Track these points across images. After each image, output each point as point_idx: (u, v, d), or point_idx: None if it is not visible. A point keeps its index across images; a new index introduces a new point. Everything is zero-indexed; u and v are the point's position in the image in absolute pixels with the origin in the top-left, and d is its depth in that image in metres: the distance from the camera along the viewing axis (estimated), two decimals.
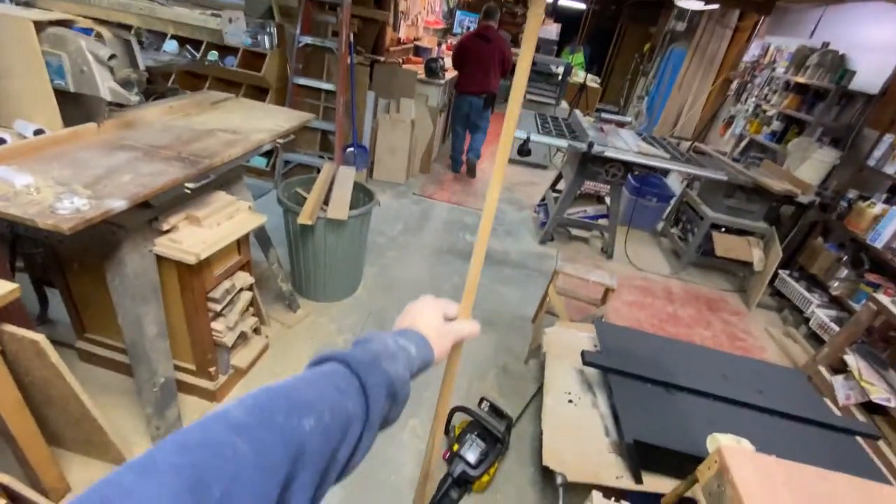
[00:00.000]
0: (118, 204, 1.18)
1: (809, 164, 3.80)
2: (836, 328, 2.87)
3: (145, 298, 1.53)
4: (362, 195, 2.67)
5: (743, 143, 5.09)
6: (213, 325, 1.84)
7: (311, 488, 0.38)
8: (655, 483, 1.46)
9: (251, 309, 2.11)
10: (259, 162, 3.97)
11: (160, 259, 1.57)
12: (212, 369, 1.91)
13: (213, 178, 1.57)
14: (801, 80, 4.34)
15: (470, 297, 0.71)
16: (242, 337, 2.07)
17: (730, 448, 1.04)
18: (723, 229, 3.64)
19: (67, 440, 1.65)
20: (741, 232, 3.64)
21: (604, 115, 4.55)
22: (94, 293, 1.74)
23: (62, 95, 1.51)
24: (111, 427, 1.57)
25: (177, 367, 1.90)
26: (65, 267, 1.74)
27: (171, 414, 1.71)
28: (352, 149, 3.77)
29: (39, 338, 1.21)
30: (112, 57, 1.44)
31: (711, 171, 3.35)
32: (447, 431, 2.03)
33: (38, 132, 1.44)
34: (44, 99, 1.47)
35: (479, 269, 0.71)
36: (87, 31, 1.52)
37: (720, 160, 3.86)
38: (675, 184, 4.88)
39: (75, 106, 1.56)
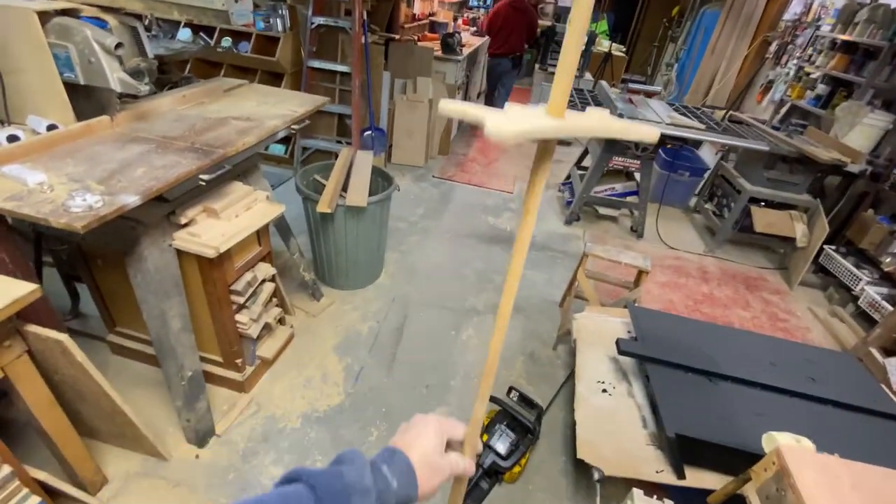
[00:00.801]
0: (131, 199, 1.15)
1: (859, 130, 3.51)
2: (889, 307, 2.67)
3: (168, 293, 1.52)
4: (381, 180, 2.60)
5: (783, 110, 4.76)
6: (238, 317, 1.82)
7: None
8: (699, 478, 1.38)
9: (274, 300, 2.09)
10: (277, 149, 3.94)
11: (180, 253, 1.55)
12: (238, 361, 1.90)
13: (229, 169, 1.52)
14: (849, 38, 3.99)
15: (477, 426, 0.64)
16: (267, 328, 2.06)
17: (790, 448, 0.95)
18: (762, 203, 3.42)
19: (103, 433, 1.68)
20: (782, 206, 3.42)
21: (631, 85, 4.31)
22: (120, 288, 1.74)
23: (73, 89, 1.48)
24: (144, 420, 1.59)
25: (204, 360, 1.91)
26: (90, 263, 1.75)
27: (201, 406, 1.72)
28: (369, 132, 3.69)
29: (63, 337, 1.20)
30: (119, 46, 1.39)
31: (751, 141, 3.13)
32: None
33: (50, 127, 1.41)
34: (54, 93, 1.44)
35: (491, 380, 0.65)
36: (93, 22, 1.47)
37: (759, 129, 3.61)
38: (708, 156, 4.61)
39: (87, 99, 1.53)
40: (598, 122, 0.53)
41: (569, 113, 0.49)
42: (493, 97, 5.62)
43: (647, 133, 0.53)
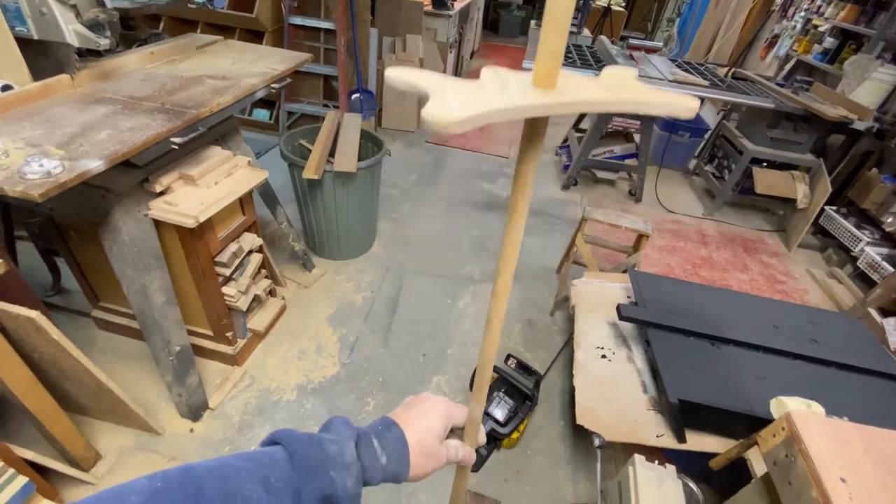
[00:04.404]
0: (94, 165, 1.05)
1: (868, 86, 3.38)
2: (890, 267, 2.65)
3: (148, 266, 1.44)
4: (371, 145, 2.48)
5: (788, 66, 4.58)
6: (225, 289, 1.76)
7: None
8: (700, 442, 1.37)
9: (263, 271, 2.02)
10: (261, 115, 3.76)
11: (158, 224, 1.46)
12: (229, 334, 1.85)
13: (203, 131, 1.41)
14: None
15: (475, 424, 0.58)
16: (257, 300, 2.00)
17: (800, 414, 0.91)
18: (764, 164, 3.34)
19: (93, 410, 1.64)
20: (784, 166, 3.33)
21: (631, 41, 4.11)
22: (99, 262, 1.65)
23: (26, 45, 1.34)
24: (134, 396, 1.54)
25: (194, 334, 1.86)
26: (64, 235, 1.66)
27: (192, 381, 1.68)
28: (357, 94, 3.52)
29: (35, 314, 1.13)
30: None
31: (756, 98, 3.01)
32: (472, 387, 1.97)
33: (4, 88, 1.28)
34: (6, 49, 1.31)
35: (486, 382, 0.57)
36: None
37: (764, 85, 3.47)
38: (709, 116, 4.47)
39: (43, 56, 1.39)
40: (616, 94, 0.37)
41: (567, 78, 0.36)
42: None
43: (686, 105, 0.36)
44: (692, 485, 1.36)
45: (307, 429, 1.75)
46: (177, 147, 1.31)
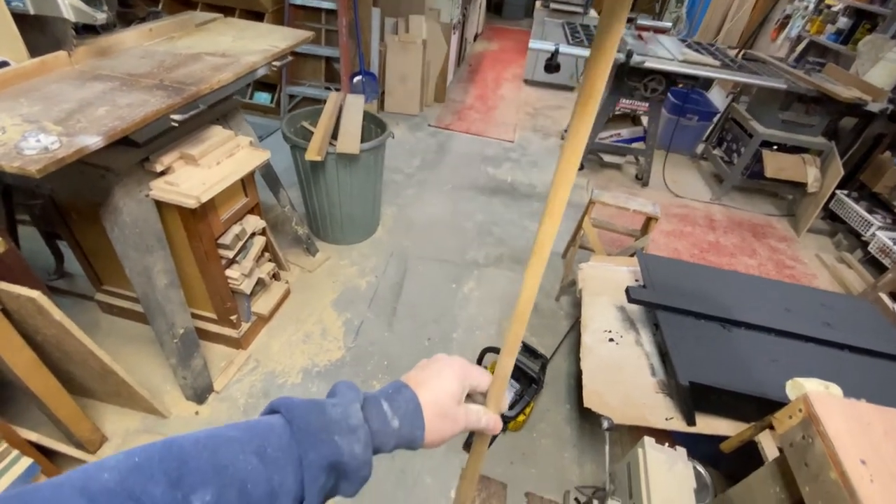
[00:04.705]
0: (93, 141, 1.02)
1: (882, 66, 3.29)
2: None
3: (150, 248, 1.42)
4: (374, 127, 2.44)
5: (800, 47, 4.47)
6: (228, 272, 1.74)
7: None
8: (709, 425, 1.35)
9: (267, 254, 2.00)
10: (262, 98, 3.71)
11: (160, 205, 1.44)
12: (233, 317, 1.84)
13: (204, 109, 1.37)
14: None
15: (503, 382, 0.52)
16: (261, 283, 1.98)
17: (818, 395, 0.89)
18: (774, 147, 3.27)
19: (99, 392, 1.63)
20: (795, 149, 3.27)
21: (640, 22, 4.01)
22: (102, 245, 1.64)
23: (23, 20, 1.31)
24: (139, 378, 1.54)
25: (198, 317, 1.85)
26: (66, 217, 1.64)
27: (197, 364, 1.67)
28: (359, 77, 3.45)
29: (36, 294, 1.12)
30: None
31: (768, 79, 2.93)
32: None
33: (2, 65, 1.25)
34: (3, 25, 1.27)
35: (521, 331, 0.51)
36: None
37: (777, 66, 3.39)
38: (718, 99, 4.39)
39: (40, 32, 1.36)
40: None
41: None
42: None
43: None
44: (701, 468, 1.35)
45: None
46: (176, 124, 1.27)
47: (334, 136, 2.17)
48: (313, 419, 0.38)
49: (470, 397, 0.53)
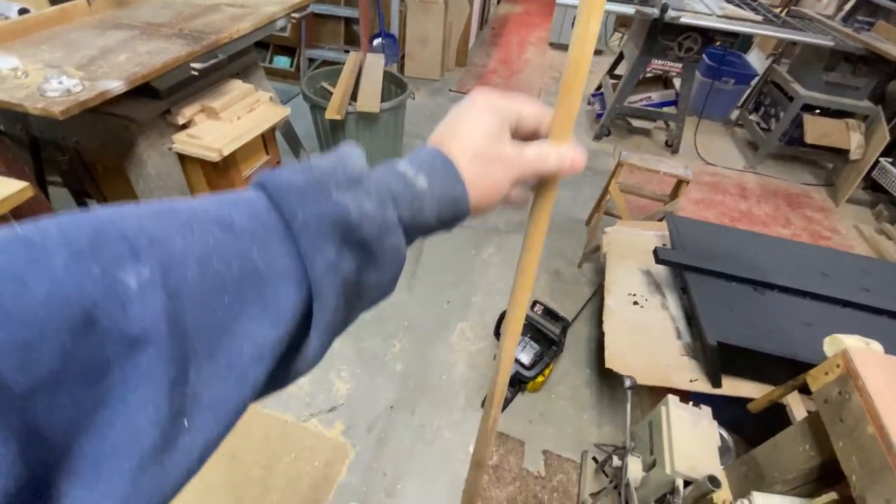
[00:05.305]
0: (115, 85, 1.01)
1: None
2: None
3: None
4: (394, 87, 2.39)
5: (848, 5, 4.13)
6: None
7: (156, 391, 0.19)
8: (735, 387, 1.32)
9: None
10: (282, 63, 3.66)
11: (183, 160, 1.44)
12: None
13: (223, 59, 1.35)
14: None
15: (568, 112, 0.36)
16: None
17: (858, 350, 0.85)
18: (816, 111, 3.08)
19: None
20: (839, 114, 3.07)
21: None
22: (128, 201, 1.67)
23: None
24: None
25: None
26: (92, 172, 1.66)
27: None
28: (379, 39, 3.36)
29: None
30: None
31: (814, 36, 2.73)
32: (497, 334, 1.96)
33: (22, 11, 1.25)
34: None
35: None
36: None
37: (822, 23, 3.15)
38: (757, 62, 4.13)
39: None
40: None
41: None
42: None
43: None
44: (723, 432, 1.33)
45: (335, 369, 1.79)
46: (196, 73, 1.26)
47: (354, 96, 2.14)
48: (296, 178, 0.26)
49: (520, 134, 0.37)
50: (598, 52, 5.00)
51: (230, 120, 1.46)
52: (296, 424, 1.59)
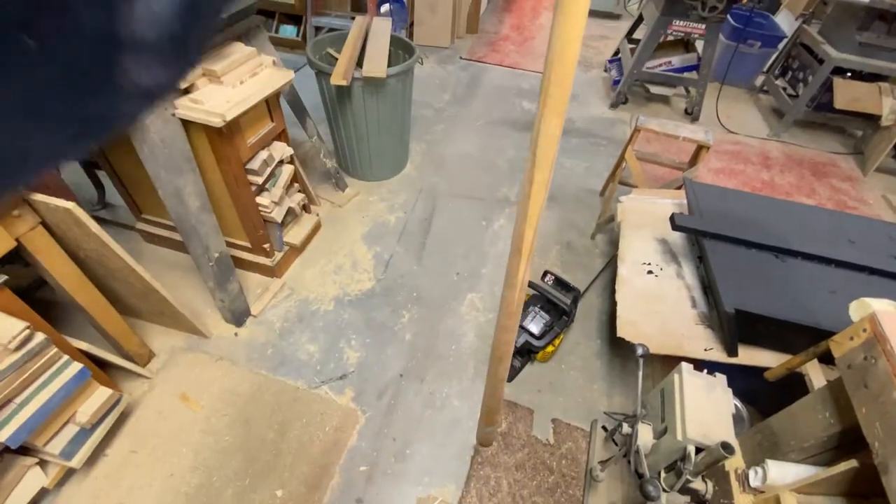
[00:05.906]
0: None
1: None
2: None
3: (180, 169, 1.42)
4: (402, 52, 2.31)
5: None
6: (259, 199, 1.74)
7: None
8: (751, 356, 1.29)
9: (296, 185, 1.99)
10: (288, 31, 3.58)
11: (188, 127, 1.42)
12: (266, 246, 1.87)
13: (223, 18, 1.31)
14: None
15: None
16: (291, 214, 1.99)
17: (887, 314, 0.80)
18: (848, 74, 2.91)
19: (144, 312, 1.72)
20: (871, 77, 2.89)
21: None
22: (138, 173, 1.66)
23: None
24: (180, 302, 1.60)
25: (233, 245, 1.89)
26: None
27: (233, 287, 1.72)
28: (387, 5, 3.25)
29: (71, 205, 1.14)
30: None
31: None
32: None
33: None
34: None
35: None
36: None
37: None
38: (786, 23, 3.90)
39: None
40: None
41: None
42: None
43: None
44: (738, 403, 1.30)
45: (346, 337, 1.79)
46: None
47: (360, 63, 2.07)
48: None
49: None
50: (615, 17, 4.79)
51: (233, 84, 1.43)
52: (307, 391, 1.61)
